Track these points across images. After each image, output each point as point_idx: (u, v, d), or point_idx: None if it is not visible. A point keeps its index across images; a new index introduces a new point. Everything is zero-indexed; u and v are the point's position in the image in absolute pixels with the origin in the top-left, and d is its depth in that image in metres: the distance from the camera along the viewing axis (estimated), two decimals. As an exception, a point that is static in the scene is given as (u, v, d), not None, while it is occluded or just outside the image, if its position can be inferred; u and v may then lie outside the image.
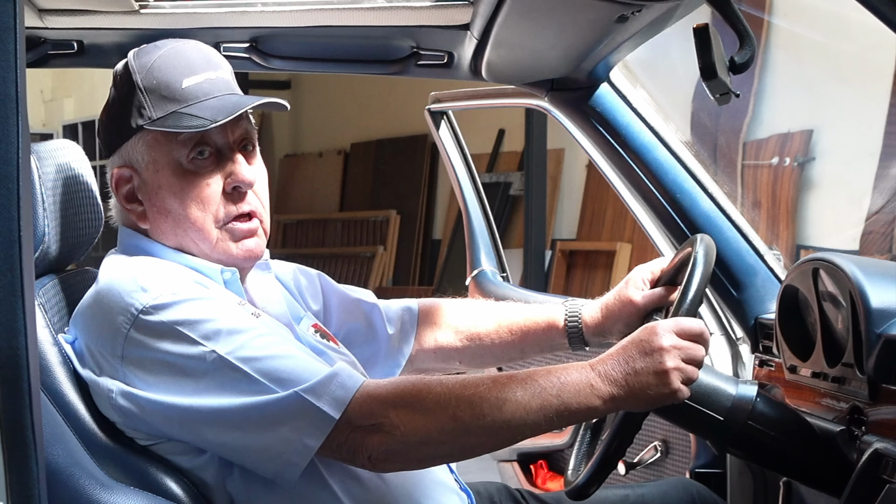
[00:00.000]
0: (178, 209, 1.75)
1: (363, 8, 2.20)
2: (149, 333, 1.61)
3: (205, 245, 1.76)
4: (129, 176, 1.79)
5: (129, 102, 1.76)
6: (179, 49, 1.79)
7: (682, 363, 1.60)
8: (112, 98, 1.80)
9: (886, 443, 1.68)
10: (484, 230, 3.13)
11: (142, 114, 1.75)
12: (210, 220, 1.75)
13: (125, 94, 1.77)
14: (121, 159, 1.79)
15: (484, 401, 1.57)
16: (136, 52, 1.81)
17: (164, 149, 1.75)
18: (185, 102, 1.74)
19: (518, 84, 2.51)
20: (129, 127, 1.76)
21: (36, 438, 1.27)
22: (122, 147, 1.78)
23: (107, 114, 1.81)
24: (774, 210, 6.40)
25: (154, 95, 1.75)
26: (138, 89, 1.75)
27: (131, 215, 1.80)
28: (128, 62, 1.79)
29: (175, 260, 1.75)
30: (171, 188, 1.75)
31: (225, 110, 1.73)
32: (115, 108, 1.79)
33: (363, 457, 1.59)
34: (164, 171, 1.75)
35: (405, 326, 2.13)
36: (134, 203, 1.79)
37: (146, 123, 1.74)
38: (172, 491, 1.64)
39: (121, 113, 1.77)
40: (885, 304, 1.75)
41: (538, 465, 2.99)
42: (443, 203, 10.27)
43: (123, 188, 1.80)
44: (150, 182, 1.77)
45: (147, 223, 1.79)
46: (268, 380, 1.58)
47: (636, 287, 2.00)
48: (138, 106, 1.75)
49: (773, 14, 6.48)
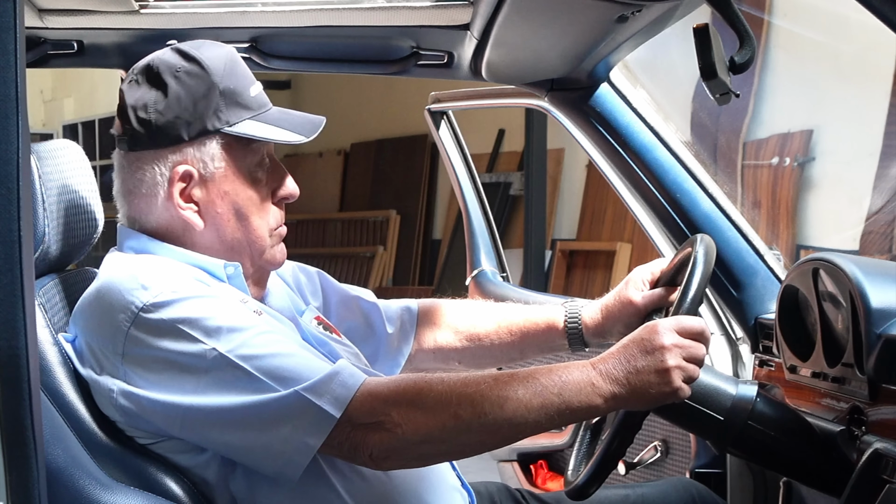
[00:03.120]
0: (243, 215, 1.76)
1: (363, 8, 2.21)
2: (149, 331, 1.61)
3: (256, 252, 1.78)
4: (191, 175, 1.74)
5: (204, 102, 1.72)
6: (236, 56, 1.78)
7: (684, 361, 1.60)
8: (176, 92, 1.72)
9: (886, 443, 1.68)
10: (484, 230, 3.13)
11: (219, 117, 1.73)
12: (266, 228, 1.79)
13: (200, 93, 1.72)
14: (182, 157, 1.74)
15: (485, 399, 1.57)
16: (196, 48, 1.75)
17: (237, 155, 1.75)
18: (255, 111, 1.75)
19: (518, 84, 2.51)
20: (202, 128, 1.72)
21: (36, 438, 1.27)
22: (186, 145, 1.73)
23: (165, 106, 1.72)
24: (774, 210, 6.40)
25: (230, 100, 1.73)
26: (220, 91, 1.72)
27: (183, 214, 1.74)
28: (194, 57, 1.73)
29: (178, 256, 1.75)
30: (238, 195, 1.75)
31: (305, 125, 1.77)
32: (185, 103, 1.72)
33: (364, 454, 1.59)
34: (235, 177, 1.75)
35: (404, 326, 2.13)
36: (190, 203, 1.75)
37: (224, 126, 1.73)
38: (173, 491, 1.64)
39: (193, 111, 1.72)
40: (885, 304, 1.75)
41: (538, 464, 2.99)
42: (443, 203, 10.27)
43: (181, 187, 1.74)
44: (218, 185, 1.75)
45: (201, 226, 1.75)
46: (268, 378, 1.58)
47: (636, 288, 2.01)
48: (216, 108, 1.72)
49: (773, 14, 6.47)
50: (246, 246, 1.78)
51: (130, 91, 1.76)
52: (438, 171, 10.20)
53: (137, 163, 1.76)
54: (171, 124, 1.72)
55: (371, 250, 10.58)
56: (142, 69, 1.76)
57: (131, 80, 1.77)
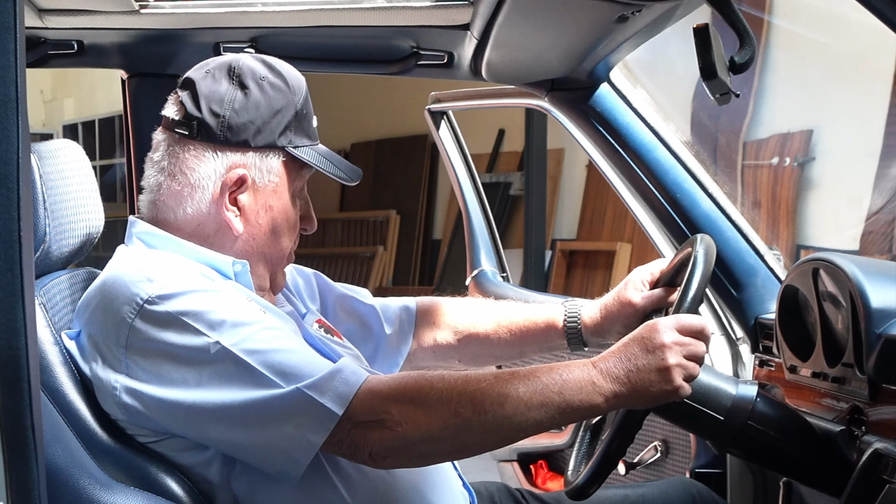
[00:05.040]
0: (277, 232, 1.80)
1: (363, 8, 2.21)
2: (154, 323, 1.61)
3: (273, 266, 1.83)
4: (245, 181, 1.76)
5: (280, 117, 1.76)
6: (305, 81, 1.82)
7: (684, 360, 1.61)
8: (257, 98, 1.74)
9: (886, 443, 1.68)
10: (484, 230, 3.13)
11: (287, 135, 1.77)
12: (289, 249, 1.85)
13: (278, 108, 1.75)
14: (243, 161, 1.75)
15: (486, 397, 1.57)
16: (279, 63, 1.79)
17: (291, 175, 1.80)
18: (313, 141, 1.82)
19: (518, 84, 2.51)
20: (270, 140, 1.75)
21: (36, 438, 1.27)
22: (251, 151, 1.75)
23: (243, 107, 1.74)
24: (774, 210, 6.40)
25: (300, 123, 1.78)
26: (295, 111, 1.77)
27: (226, 216, 1.76)
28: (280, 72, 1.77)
29: (186, 253, 1.75)
30: (280, 213, 1.80)
31: (349, 169, 1.85)
32: (262, 111, 1.75)
33: (365, 452, 1.59)
34: (283, 195, 1.79)
35: (403, 326, 2.14)
36: (235, 206, 1.77)
37: (289, 147, 1.77)
38: (173, 491, 1.64)
39: (268, 120, 1.75)
40: (885, 304, 1.75)
41: (538, 464, 2.99)
42: (443, 203, 10.27)
43: (232, 189, 1.76)
44: (266, 197, 1.78)
45: (237, 230, 1.77)
46: (271, 373, 1.58)
47: (635, 288, 2.01)
48: (287, 126, 1.77)
49: (773, 14, 6.48)
50: (268, 261, 1.82)
51: (206, 82, 1.76)
52: (438, 171, 10.20)
53: (194, 151, 1.76)
54: (243, 127, 1.74)
55: (371, 250, 10.59)
56: (220, 65, 1.78)
57: (206, 73, 1.77)
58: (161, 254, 1.74)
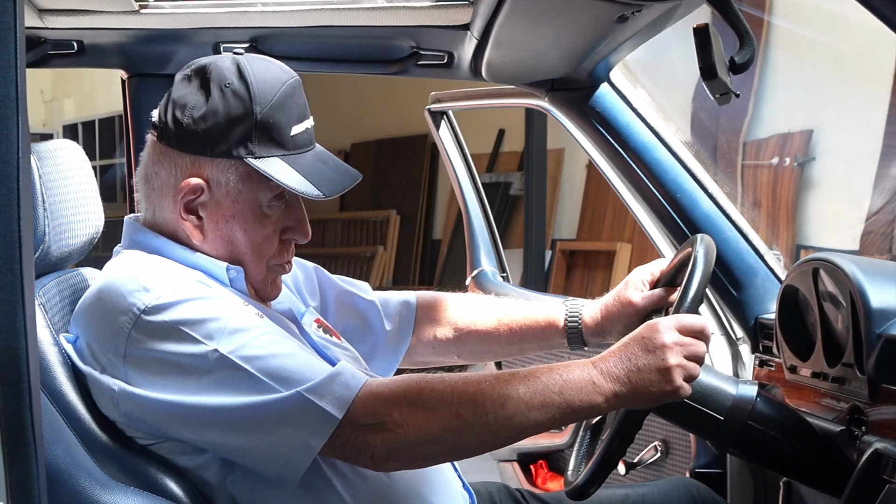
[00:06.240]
0: (242, 243, 1.75)
1: (363, 8, 2.21)
2: (151, 333, 1.61)
3: (252, 277, 1.78)
4: (201, 190, 1.72)
5: (238, 127, 1.69)
6: (295, 89, 1.73)
7: (684, 360, 1.61)
8: (215, 105, 1.69)
9: (886, 443, 1.68)
10: (484, 230, 3.13)
11: (246, 146, 1.69)
12: (264, 261, 1.78)
13: (236, 116, 1.69)
14: (197, 170, 1.71)
15: (486, 398, 1.57)
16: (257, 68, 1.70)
17: (252, 185, 1.72)
18: (288, 150, 1.72)
19: (518, 84, 2.51)
20: (226, 150, 1.70)
21: (36, 438, 1.27)
22: (205, 160, 1.71)
23: (201, 115, 1.70)
24: (774, 210, 6.40)
25: (264, 134, 1.70)
26: (254, 122, 1.69)
27: (184, 224, 1.73)
28: (246, 78, 1.69)
29: (182, 257, 1.74)
30: (244, 223, 1.74)
31: (333, 178, 1.75)
32: (219, 119, 1.69)
33: (365, 455, 1.59)
34: (244, 205, 1.73)
35: (403, 322, 2.13)
36: (192, 215, 1.73)
37: (248, 157, 1.70)
38: (173, 491, 1.63)
39: (224, 129, 1.69)
40: (885, 304, 1.75)
41: (538, 465, 2.99)
42: (443, 203, 10.27)
43: (188, 198, 1.72)
44: (225, 209, 1.73)
45: (198, 238, 1.74)
46: (270, 379, 1.57)
47: (635, 288, 2.01)
48: (245, 136, 1.69)
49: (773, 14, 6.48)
50: (247, 271, 1.78)
51: (180, 85, 1.74)
52: (438, 171, 10.20)
53: (161, 155, 1.75)
54: (200, 135, 1.70)
55: (371, 250, 10.59)
56: (198, 68, 1.74)
57: (185, 75, 1.75)
58: (156, 259, 1.73)
